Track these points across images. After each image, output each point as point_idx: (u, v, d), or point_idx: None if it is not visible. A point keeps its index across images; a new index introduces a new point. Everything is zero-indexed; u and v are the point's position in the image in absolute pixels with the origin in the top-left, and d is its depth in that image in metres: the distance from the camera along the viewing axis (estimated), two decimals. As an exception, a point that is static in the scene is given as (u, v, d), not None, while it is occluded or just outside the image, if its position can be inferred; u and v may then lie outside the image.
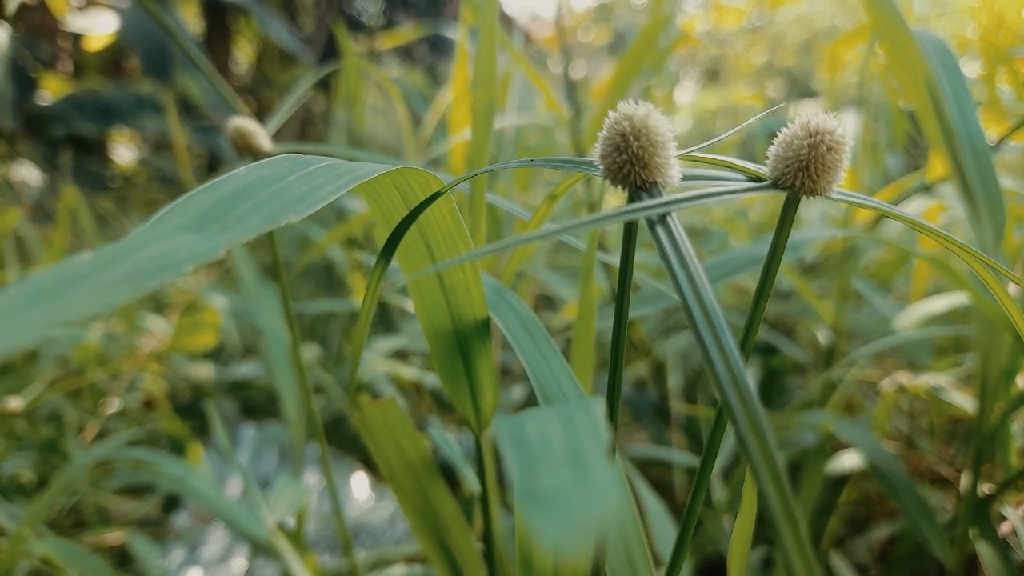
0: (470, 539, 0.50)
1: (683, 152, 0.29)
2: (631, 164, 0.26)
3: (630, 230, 0.28)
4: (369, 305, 0.36)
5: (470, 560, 0.50)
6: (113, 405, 1.14)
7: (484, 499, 0.48)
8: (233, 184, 0.24)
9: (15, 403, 0.99)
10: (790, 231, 0.28)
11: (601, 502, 0.13)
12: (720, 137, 0.34)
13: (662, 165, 0.26)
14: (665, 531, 0.66)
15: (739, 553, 0.33)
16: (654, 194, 0.26)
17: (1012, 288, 0.64)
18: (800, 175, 0.26)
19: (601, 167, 0.27)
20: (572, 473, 0.16)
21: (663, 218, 0.24)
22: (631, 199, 0.27)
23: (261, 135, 0.50)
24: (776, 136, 0.27)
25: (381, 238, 0.35)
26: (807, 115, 0.26)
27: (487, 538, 0.49)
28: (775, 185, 0.27)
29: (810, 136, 0.26)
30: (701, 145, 0.33)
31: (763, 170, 0.28)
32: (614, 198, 1.82)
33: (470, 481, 0.54)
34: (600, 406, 0.20)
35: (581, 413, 0.20)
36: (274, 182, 0.24)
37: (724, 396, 0.20)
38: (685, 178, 0.28)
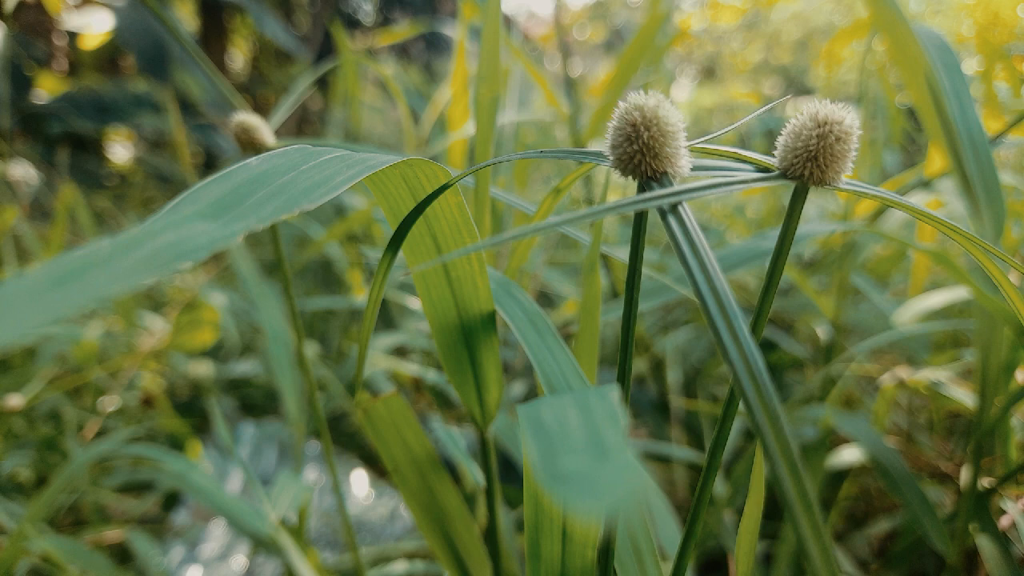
0: (475, 534, 0.51)
1: (692, 143, 0.29)
2: (641, 154, 0.26)
3: (640, 221, 0.28)
4: (376, 298, 0.36)
5: (475, 555, 0.50)
6: (112, 403, 1.14)
7: (489, 494, 0.48)
8: (246, 173, 0.24)
9: (14, 401, 0.99)
10: (799, 221, 0.28)
11: (626, 480, 0.13)
12: (720, 132, 0.34)
13: (672, 155, 0.26)
14: (668, 526, 0.66)
15: (746, 545, 0.33)
16: (664, 184, 0.26)
17: (1012, 278, 0.65)
18: (809, 165, 0.26)
19: (611, 157, 0.27)
20: (592, 457, 0.16)
21: (675, 207, 0.25)
22: (641, 189, 0.27)
23: (265, 130, 0.50)
24: (772, 134, 0.27)
25: (388, 232, 0.35)
26: (816, 105, 0.26)
27: (491, 532, 0.49)
28: (784, 175, 0.27)
29: (819, 126, 0.26)
30: (705, 138, 0.33)
31: (771, 161, 0.28)
32: (615, 194, 1.82)
33: (474, 476, 0.54)
34: (615, 392, 0.20)
35: (597, 399, 0.20)
36: (287, 171, 0.24)
37: (738, 383, 0.20)
38: (694, 169, 0.28)
